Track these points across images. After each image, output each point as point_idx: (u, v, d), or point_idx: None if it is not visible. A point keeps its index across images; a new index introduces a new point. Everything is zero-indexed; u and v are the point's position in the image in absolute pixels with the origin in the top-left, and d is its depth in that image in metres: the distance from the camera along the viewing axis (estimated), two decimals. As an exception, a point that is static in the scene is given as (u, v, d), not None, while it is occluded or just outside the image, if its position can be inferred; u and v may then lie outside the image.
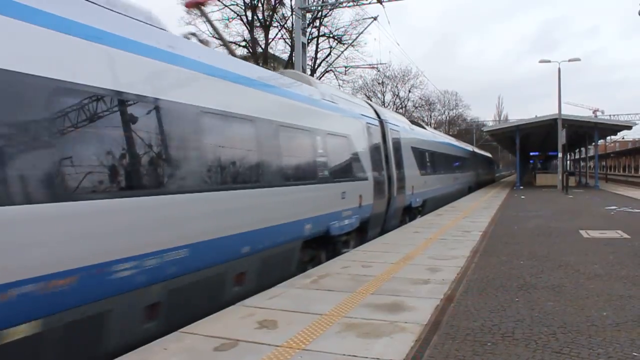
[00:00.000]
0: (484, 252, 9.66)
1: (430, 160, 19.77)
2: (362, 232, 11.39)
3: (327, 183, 9.19)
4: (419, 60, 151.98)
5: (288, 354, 4.37)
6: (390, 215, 13.58)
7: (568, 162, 55.56)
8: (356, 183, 10.65)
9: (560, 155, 32.93)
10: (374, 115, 13.43)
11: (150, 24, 5.78)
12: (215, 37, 23.56)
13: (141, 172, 5.10)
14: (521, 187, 36.21)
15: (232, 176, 6.61)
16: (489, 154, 60.87)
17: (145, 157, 5.13)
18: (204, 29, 26.85)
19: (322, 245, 9.28)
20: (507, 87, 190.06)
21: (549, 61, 32.98)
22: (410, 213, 16.25)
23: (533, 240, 11.32)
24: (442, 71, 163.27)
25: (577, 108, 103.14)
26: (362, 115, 12.33)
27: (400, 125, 16.10)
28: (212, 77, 6.44)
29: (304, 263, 8.59)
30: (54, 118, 4.17)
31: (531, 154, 55.10)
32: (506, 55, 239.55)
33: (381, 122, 13.71)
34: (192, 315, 5.46)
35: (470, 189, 33.41)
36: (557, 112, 32.16)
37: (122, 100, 4.87)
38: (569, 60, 32.83)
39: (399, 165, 14.61)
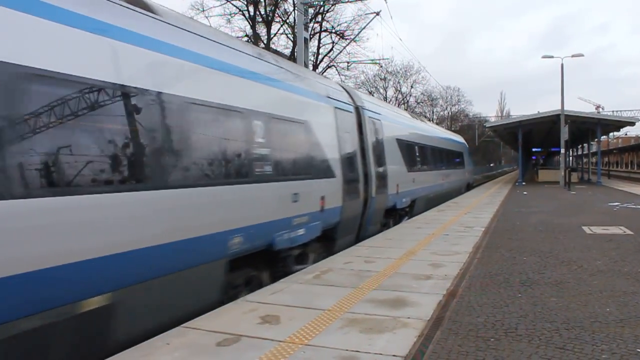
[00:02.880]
0: (487, 248, 9.65)
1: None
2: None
3: None
4: (428, 56, 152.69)
5: (291, 349, 4.36)
6: None
7: (570, 158, 55.44)
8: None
9: (562, 151, 32.85)
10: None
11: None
12: None
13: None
14: (523, 183, 36.15)
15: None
16: (457, 138, 32.77)
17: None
18: (205, 23, 26.74)
19: None
20: (516, 83, 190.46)
21: (552, 57, 32.80)
22: None
23: (536, 236, 11.29)
24: (450, 67, 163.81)
25: (587, 104, 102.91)
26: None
27: None
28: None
29: None
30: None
31: (533, 150, 55.00)
32: (515, 51, 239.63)
33: None
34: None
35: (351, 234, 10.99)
36: (565, 108, 32.10)
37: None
38: (572, 56, 32.66)
39: None
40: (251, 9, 32.72)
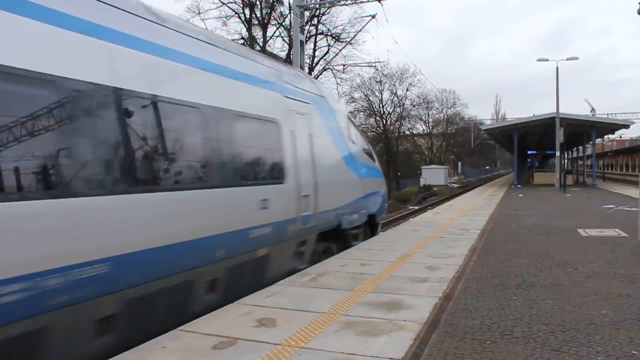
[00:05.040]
0: (483, 251, 9.66)
1: None
2: None
3: None
4: (429, 59, 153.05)
5: (287, 352, 4.35)
6: None
7: (566, 160, 55.66)
8: None
9: (558, 153, 32.97)
10: None
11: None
12: None
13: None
14: (519, 186, 36.25)
15: None
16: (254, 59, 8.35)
17: None
18: (201, 26, 26.80)
19: None
20: (514, 86, 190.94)
21: (547, 60, 32.97)
22: None
23: (531, 238, 11.32)
24: (451, 70, 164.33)
25: (585, 107, 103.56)
26: None
27: None
28: None
29: None
30: None
31: (529, 152, 55.15)
32: (516, 55, 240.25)
33: None
34: None
35: None
36: (562, 111, 32.25)
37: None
38: (567, 59, 32.88)
39: None
40: (247, 11, 32.74)
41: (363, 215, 11.22)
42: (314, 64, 34.62)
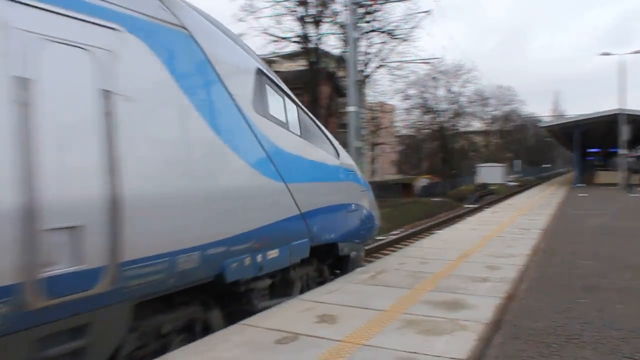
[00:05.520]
0: (545, 251, 9.38)
1: None
2: None
3: None
4: (484, 55, 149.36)
5: (349, 348, 4.37)
6: None
7: (632, 159, 53.08)
8: None
9: (622, 151, 31.63)
10: None
11: None
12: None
13: None
14: (580, 185, 34.97)
15: None
16: None
17: None
18: (255, 25, 27.58)
19: None
20: (574, 82, 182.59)
21: (609, 54, 31.79)
22: None
23: (595, 239, 10.90)
24: (507, 66, 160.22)
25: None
26: None
27: None
28: None
29: None
30: None
31: (590, 150, 53.02)
32: (576, 49, 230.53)
33: None
34: None
35: None
36: (630, 107, 31.02)
37: None
38: (633, 53, 31.51)
39: None
40: (300, 9, 32.94)
41: (300, 249, 6.41)
42: (367, 61, 34.51)
